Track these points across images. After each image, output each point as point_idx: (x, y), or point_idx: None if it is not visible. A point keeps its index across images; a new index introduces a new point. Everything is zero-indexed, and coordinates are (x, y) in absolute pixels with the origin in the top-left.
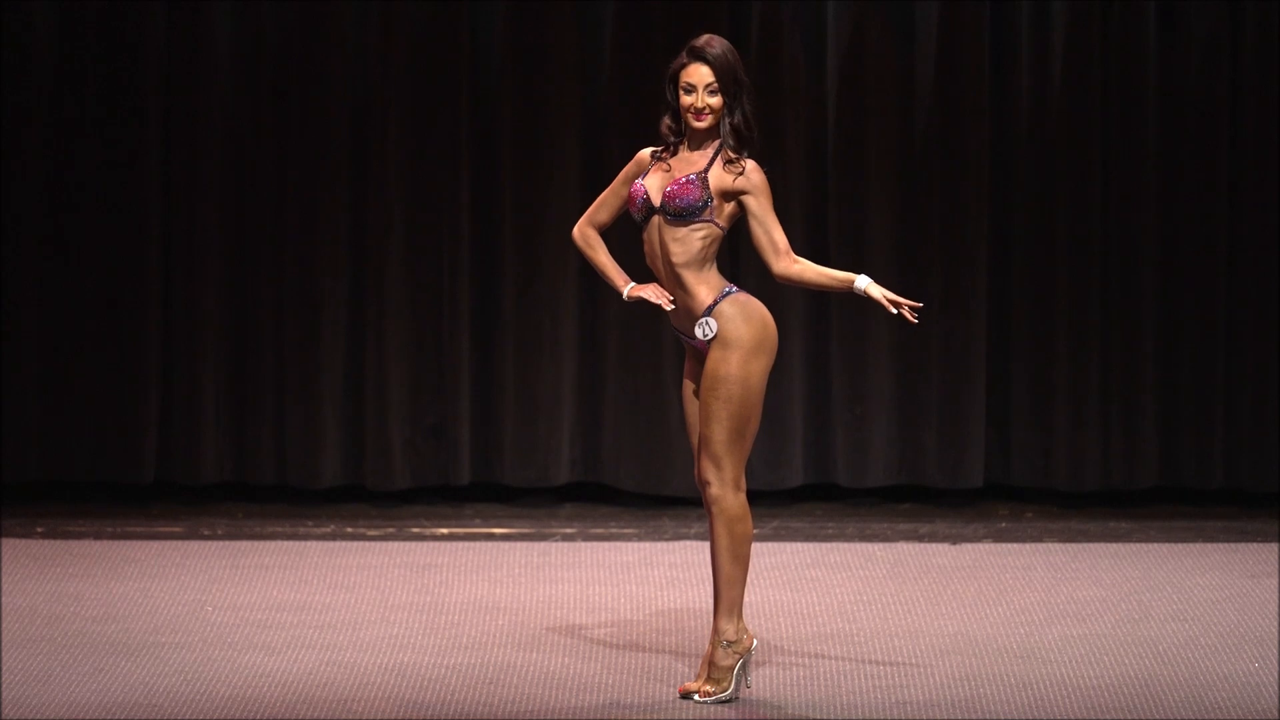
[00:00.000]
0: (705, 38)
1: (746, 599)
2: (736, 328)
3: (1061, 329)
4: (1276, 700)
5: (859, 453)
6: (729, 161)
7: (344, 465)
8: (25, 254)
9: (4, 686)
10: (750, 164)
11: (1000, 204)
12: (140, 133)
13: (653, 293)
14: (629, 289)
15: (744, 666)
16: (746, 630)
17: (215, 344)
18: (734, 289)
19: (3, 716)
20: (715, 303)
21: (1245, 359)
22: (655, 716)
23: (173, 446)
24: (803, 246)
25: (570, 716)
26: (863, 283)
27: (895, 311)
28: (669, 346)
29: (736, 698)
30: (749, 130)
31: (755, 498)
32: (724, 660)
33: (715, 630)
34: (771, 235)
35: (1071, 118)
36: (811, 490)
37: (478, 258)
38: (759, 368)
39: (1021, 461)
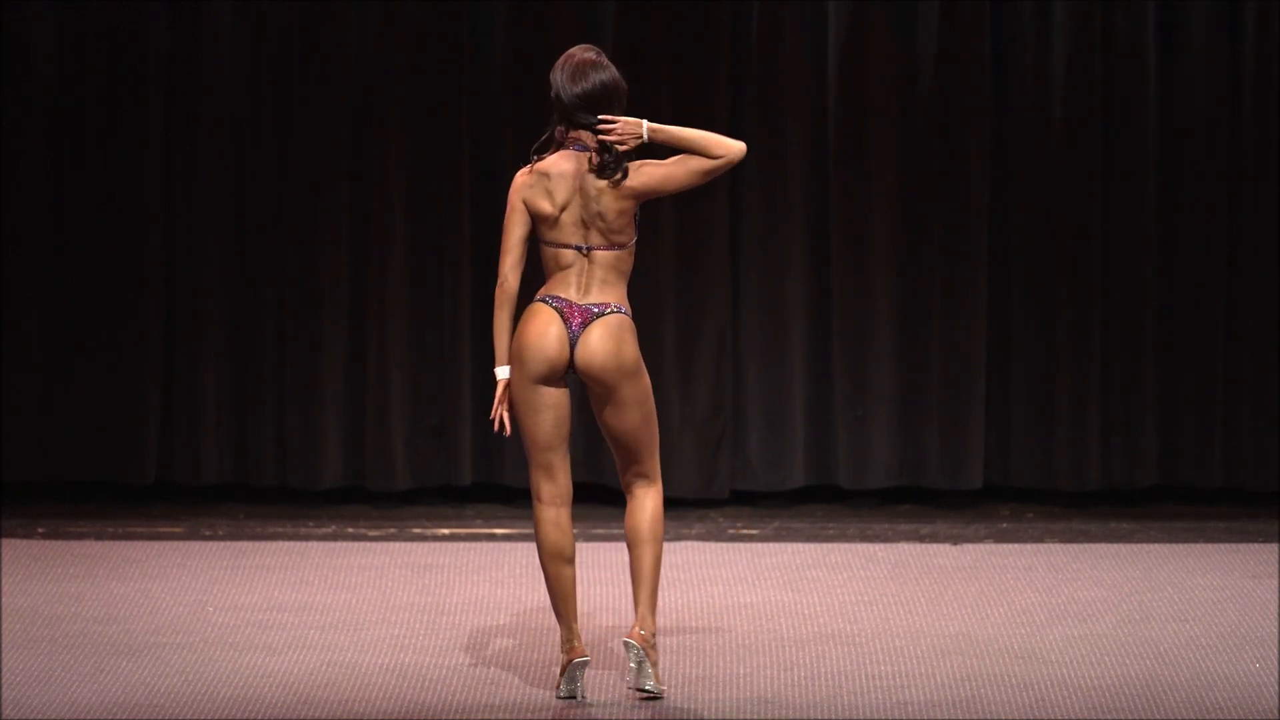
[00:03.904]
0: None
1: (748, 598)
2: None
3: (1061, 329)
4: (1277, 701)
5: (860, 454)
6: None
7: (345, 466)
8: (26, 254)
9: (4, 687)
10: None
11: (1001, 204)
12: (140, 133)
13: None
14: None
15: (574, 671)
16: (579, 638)
17: (216, 344)
18: (543, 299)
19: (3, 717)
20: None
21: (1245, 359)
22: (656, 716)
23: (174, 447)
24: (804, 246)
25: (570, 716)
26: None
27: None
28: (668, 347)
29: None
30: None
31: (757, 498)
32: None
33: (649, 625)
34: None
35: (1072, 117)
36: (813, 491)
37: (478, 258)
38: (514, 376)
39: (1022, 462)
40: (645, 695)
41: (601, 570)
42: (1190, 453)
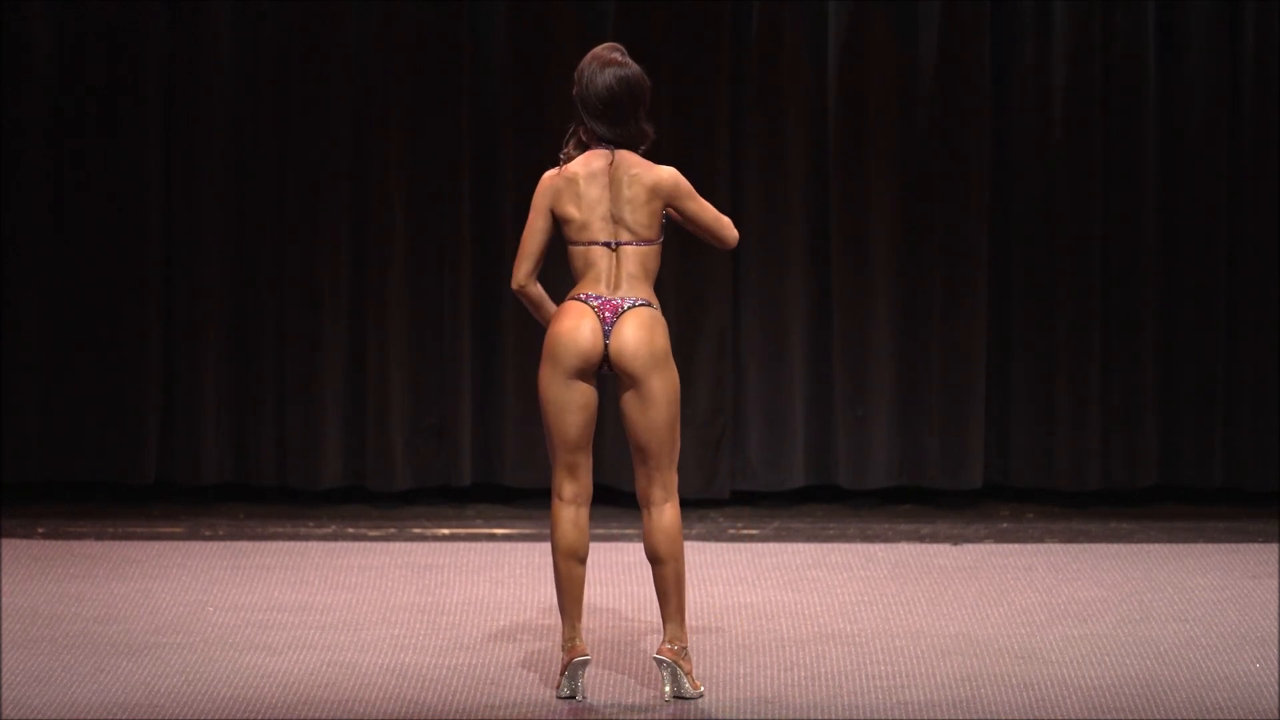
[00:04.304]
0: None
1: (748, 598)
2: None
3: (1061, 329)
4: (1277, 701)
5: (860, 453)
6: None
7: (345, 466)
8: (26, 254)
9: (5, 687)
10: None
11: (1001, 204)
12: (141, 133)
13: None
14: None
15: (576, 670)
16: (581, 638)
17: (216, 344)
18: (575, 297)
19: (3, 717)
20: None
21: (1245, 359)
22: (657, 717)
23: (174, 447)
24: (804, 246)
25: (571, 717)
26: None
27: None
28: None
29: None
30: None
31: (757, 498)
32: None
33: (678, 639)
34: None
35: (1072, 117)
36: (813, 491)
37: (478, 257)
38: (546, 375)
39: (1022, 461)
40: (684, 698)
41: (601, 570)
42: (1190, 453)
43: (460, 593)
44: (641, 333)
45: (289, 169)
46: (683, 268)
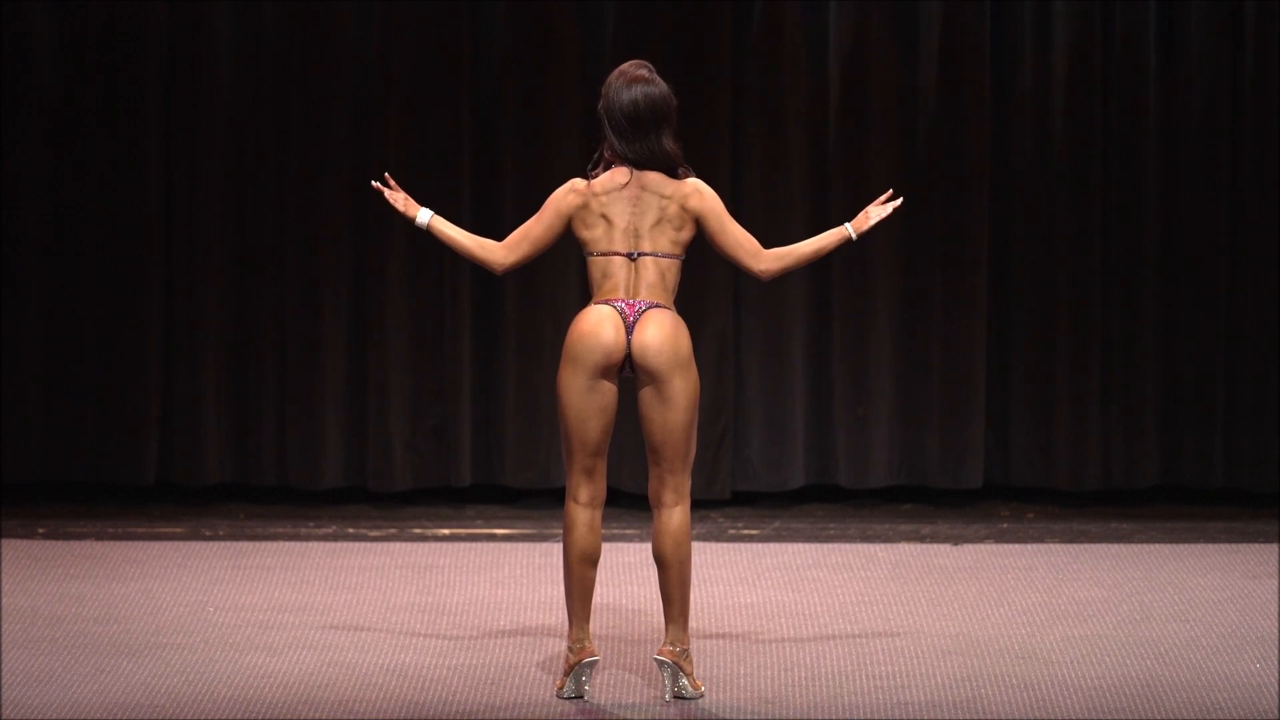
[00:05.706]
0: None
1: (748, 598)
2: None
3: (1062, 329)
4: (1277, 701)
5: (860, 454)
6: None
7: (345, 466)
8: (26, 254)
9: (5, 687)
10: None
11: (1001, 204)
12: (142, 134)
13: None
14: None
15: (583, 671)
16: (590, 639)
17: (217, 344)
18: (595, 303)
19: (3, 717)
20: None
21: (1245, 359)
22: (657, 717)
23: (174, 447)
24: None
25: (571, 717)
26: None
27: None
28: None
29: (582, 696)
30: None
31: (757, 499)
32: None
33: (680, 641)
34: None
35: (1072, 117)
36: (813, 491)
37: None
38: (560, 374)
39: (1022, 461)
40: (685, 699)
41: (602, 570)
42: (1190, 453)
43: (460, 593)
44: (665, 330)
45: (289, 169)
46: (683, 269)
